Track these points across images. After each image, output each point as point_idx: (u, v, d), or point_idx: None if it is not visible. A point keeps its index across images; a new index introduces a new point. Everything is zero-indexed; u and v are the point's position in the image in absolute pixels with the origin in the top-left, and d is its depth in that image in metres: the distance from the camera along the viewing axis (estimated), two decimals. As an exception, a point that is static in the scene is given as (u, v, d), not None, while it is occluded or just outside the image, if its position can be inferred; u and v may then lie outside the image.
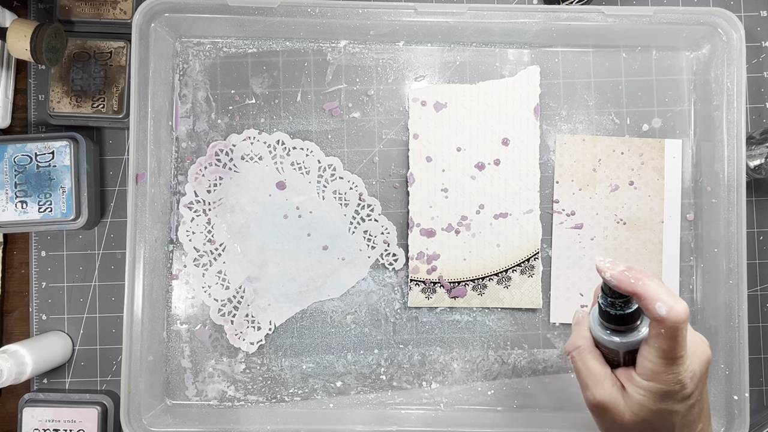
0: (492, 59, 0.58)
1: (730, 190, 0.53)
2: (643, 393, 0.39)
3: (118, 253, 0.58)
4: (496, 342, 0.57)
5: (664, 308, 0.36)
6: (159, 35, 0.55)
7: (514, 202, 0.57)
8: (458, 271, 0.56)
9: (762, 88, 0.59)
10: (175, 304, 0.57)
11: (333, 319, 0.57)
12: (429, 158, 0.57)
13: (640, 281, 0.37)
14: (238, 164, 0.57)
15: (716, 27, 0.54)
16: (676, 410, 0.39)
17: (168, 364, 0.57)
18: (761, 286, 0.58)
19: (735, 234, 0.53)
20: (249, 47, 0.58)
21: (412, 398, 0.56)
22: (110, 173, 0.58)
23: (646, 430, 0.40)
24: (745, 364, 0.52)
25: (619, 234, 0.56)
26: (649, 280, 0.37)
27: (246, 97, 0.58)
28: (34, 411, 0.55)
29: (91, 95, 0.56)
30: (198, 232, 0.57)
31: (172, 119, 0.57)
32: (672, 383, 0.38)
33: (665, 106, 0.58)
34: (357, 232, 0.57)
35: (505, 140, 0.57)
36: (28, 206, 0.54)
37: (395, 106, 0.58)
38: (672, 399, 0.38)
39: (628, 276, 0.38)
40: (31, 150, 0.54)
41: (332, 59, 0.58)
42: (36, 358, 0.53)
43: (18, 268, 0.59)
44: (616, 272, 0.38)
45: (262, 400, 0.56)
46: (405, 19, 0.54)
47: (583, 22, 0.54)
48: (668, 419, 0.39)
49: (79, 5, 0.56)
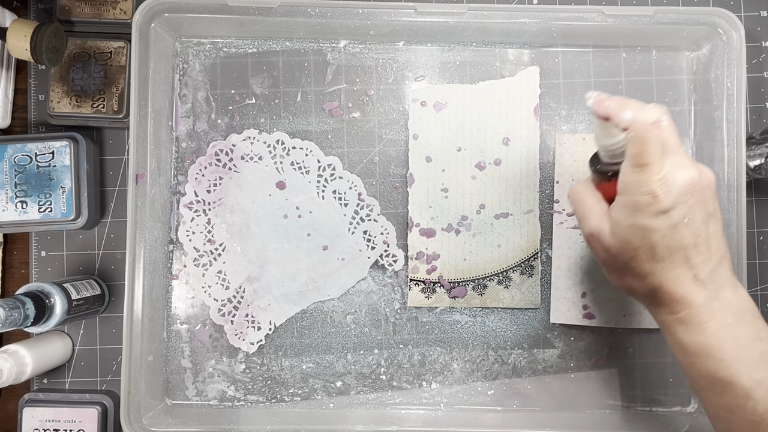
0: (492, 59, 0.58)
1: (730, 190, 0.53)
2: (618, 209, 0.40)
3: (118, 253, 0.58)
4: (496, 342, 0.57)
5: (630, 113, 0.39)
6: (159, 35, 0.55)
7: (514, 202, 0.57)
8: (458, 271, 0.56)
9: (762, 88, 0.59)
10: (175, 304, 0.57)
11: (333, 319, 0.57)
12: (429, 158, 0.57)
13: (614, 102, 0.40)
14: (238, 164, 0.57)
15: (716, 27, 0.54)
16: (653, 227, 0.39)
17: (168, 364, 0.57)
18: (761, 286, 0.58)
19: (735, 234, 0.53)
20: (249, 47, 0.58)
21: (412, 398, 0.56)
22: (110, 173, 0.58)
23: (628, 252, 0.40)
24: (745, 364, 0.52)
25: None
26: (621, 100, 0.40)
27: (246, 97, 0.58)
28: (34, 411, 0.55)
29: (91, 95, 0.56)
30: (198, 232, 0.57)
31: (172, 119, 0.57)
32: (640, 192, 0.38)
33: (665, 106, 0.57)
34: (357, 232, 0.57)
35: (506, 140, 0.57)
36: (28, 206, 0.54)
37: (395, 106, 0.58)
38: (643, 212, 0.39)
39: (604, 100, 0.40)
40: (31, 150, 0.54)
41: (332, 59, 0.58)
42: (36, 358, 0.53)
43: (18, 268, 0.59)
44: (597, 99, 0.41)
45: (262, 400, 0.56)
46: (405, 19, 0.54)
47: (583, 22, 0.54)
48: (646, 237, 0.39)
49: (79, 5, 0.56)
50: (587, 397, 0.56)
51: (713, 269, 0.40)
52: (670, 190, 0.38)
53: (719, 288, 0.40)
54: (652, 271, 0.40)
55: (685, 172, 0.39)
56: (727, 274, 0.40)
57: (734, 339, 0.39)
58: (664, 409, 0.56)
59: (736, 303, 0.40)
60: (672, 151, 0.39)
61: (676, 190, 0.38)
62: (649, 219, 0.39)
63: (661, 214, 0.38)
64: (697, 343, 0.39)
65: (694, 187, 0.39)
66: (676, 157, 0.39)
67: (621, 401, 0.56)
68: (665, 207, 0.38)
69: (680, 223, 0.39)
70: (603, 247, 0.42)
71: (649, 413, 0.56)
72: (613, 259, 0.42)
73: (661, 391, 0.56)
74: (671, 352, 0.56)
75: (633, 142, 0.39)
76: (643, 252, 0.40)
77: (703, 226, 0.39)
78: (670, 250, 0.39)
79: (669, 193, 0.38)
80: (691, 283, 0.39)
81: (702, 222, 0.39)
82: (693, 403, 0.56)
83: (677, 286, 0.39)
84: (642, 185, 0.38)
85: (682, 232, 0.39)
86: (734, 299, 0.40)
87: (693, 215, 0.39)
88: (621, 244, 0.40)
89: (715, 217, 0.40)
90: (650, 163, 0.38)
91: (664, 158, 0.39)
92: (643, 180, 0.38)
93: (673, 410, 0.56)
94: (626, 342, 0.57)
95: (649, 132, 0.38)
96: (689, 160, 0.40)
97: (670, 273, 0.39)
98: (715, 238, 0.40)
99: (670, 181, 0.38)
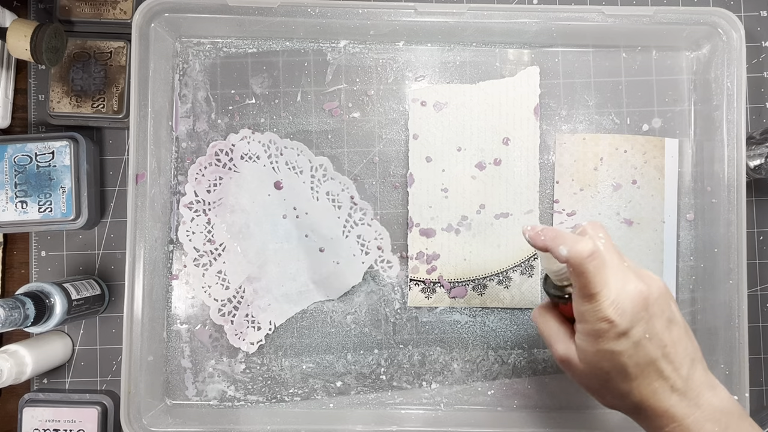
0: (492, 59, 0.58)
1: (730, 190, 0.53)
2: (580, 337, 0.40)
3: (118, 253, 0.58)
4: (496, 342, 0.57)
5: (565, 249, 0.39)
6: (159, 35, 0.55)
7: (515, 202, 0.57)
8: (458, 271, 0.56)
9: (762, 88, 0.59)
10: (175, 304, 0.57)
11: (333, 319, 0.57)
12: (429, 158, 0.57)
13: (549, 235, 0.41)
14: (238, 164, 0.57)
15: (716, 27, 0.54)
16: (618, 350, 0.39)
17: (168, 364, 0.57)
18: (761, 286, 0.58)
19: (735, 234, 0.53)
20: (249, 47, 0.58)
21: (412, 398, 0.56)
22: (110, 173, 0.58)
23: (601, 376, 0.40)
24: (745, 364, 0.52)
25: (622, 234, 0.56)
26: (555, 234, 0.40)
27: (246, 97, 0.58)
28: (34, 411, 0.55)
29: (91, 95, 0.56)
30: (198, 232, 0.57)
31: (172, 119, 0.57)
32: (596, 321, 0.39)
33: (665, 106, 0.58)
34: (350, 236, 0.57)
35: (506, 140, 0.57)
36: (28, 206, 0.54)
37: (395, 106, 0.58)
38: (605, 338, 0.39)
39: (539, 234, 0.41)
40: (31, 150, 0.54)
41: (332, 59, 0.58)
42: (36, 358, 0.53)
43: (18, 268, 0.59)
44: (532, 233, 0.42)
45: (262, 400, 0.56)
46: (405, 19, 0.54)
47: (583, 22, 0.54)
48: (614, 360, 0.39)
49: (79, 5, 0.56)
50: (587, 397, 0.56)
51: (688, 375, 0.40)
52: (624, 312, 0.38)
53: (699, 393, 0.39)
54: (629, 390, 0.40)
55: (634, 288, 0.39)
56: (703, 377, 0.40)
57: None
58: (664, 409, 0.56)
59: (719, 406, 0.39)
60: (615, 269, 0.39)
61: (629, 310, 0.38)
62: (612, 343, 0.39)
63: (622, 336, 0.39)
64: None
65: (646, 301, 0.39)
66: (621, 274, 0.39)
67: (621, 401, 0.56)
68: (624, 329, 0.38)
69: (642, 340, 0.39)
70: (576, 372, 0.42)
71: (649, 413, 0.56)
72: (588, 381, 0.42)
73: (661, 391, 0.56)
74: None
75: (574, 276, 0.39)
76: (615, 374, 0.40)
77: (666, 335, 0.39)
78: (640, 368, 0.39)
79: (624, 314, 0.38)
80: (670, 395, 0.39)
81: (663, 331, 0.39)
82: (693, 403, 0.56)
83: (657, 400, 0.39)
84: (595, 314, 0.39)
85: (648, 348, 0.39)
86: (716, 402, 0.39)
87: (653, 328, 0.39)
88: (592, 370, 0.41)
89: (675, 321, 0.40)
90: (596, 292, 0.38)
91: (610, 280, 0.39)
92: (594, 309, 0.39)
93: (673, 410, 0.56)
94: (626, 342, 0.57)
95: (586, 265, 0.38)
96: (634, 275, 0.40)
97: (648, 389, 0.39)
98: (681, 343, 0.40)
99: (622, 303, 0.38)
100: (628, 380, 0.39)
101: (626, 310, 0.38)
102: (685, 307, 0.57)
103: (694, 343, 0.41)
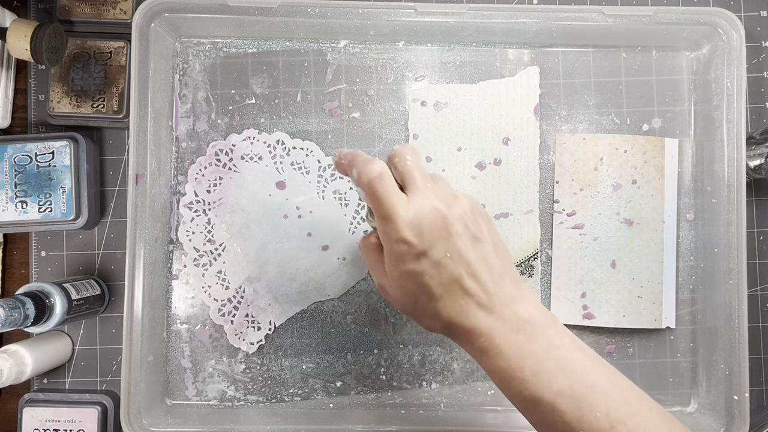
0: (492, 59, 0.58)
1: (730, 190, 0.53)
2: (387, 260, 0.40)
3: (118, 253, 0.58)
4: (496, 342, 0.57)
5: (356, 171, 0.39)
6: (159, 35, 0.55)
7: (515, 201, 0.57)
8: (458, 271, 0.56)
9: (762, 88, 0.59)
10: (175, 304, 0.57)
11: (333, 319, 0.57)
12: (429, 158, 0.57)
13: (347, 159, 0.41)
14: (238, 164, 0.57)
15: (716, 27, 0.54)
16: (419, 270, 0.38)
17: (168, 364, 0.57)
18: (761, 286, 0.58)
19: (735, 234, 0.53)
20: (249, 47, 0.58)
21: (412, 398, 0.56)
22: (110, 173, 0.58)
23: (410, 297, 0.40)
24: (745, 364, 0.52)
25: (622, 234, 0.56)
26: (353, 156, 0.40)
27: (246, 97, 0.58)
28: (34, 411, 0.55)
29: (91, 95, 0.56)
30: (198, 232, 0.57)
31: (172, 119, 0.57)
32: (394, 242, 0.38)
33: (665, 106, 0.58)
34: (357, 232, 0.57)
35: (506, 140, 0.57)
36: (28, 206, 0.54)
37: (395, 106, 0.58)
38: (405, 260, 0.39)
39: (341, 158, 0.42)
40: (31, 150, 0.54)
41: (332, 59, 0.58)
42: (36, 358, 0.53)
43: (18, 268, 0.59)
44: (336, 158, 0.42)
45: (262, 400, 0.56)
46: (405, 19, 0.54)
47: (583, 22, 0.54)
48: (417, 281, 0.39)
49: (79, 5, 0.56)
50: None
51: (494, 291, 0.39)
52: (422, 233, 0.38)
53: (505, 307, 0.39)
54: (437, 309, 0.39)
55: (431, 209, 0.38)
56: (511, 291, 0.40)
57: (531, 355, 0.38)
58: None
59: (526, 317, 0.39)
60: (417, 189, 0.39)
61: (427, 230, 0.38)
62: (413, 264, 0.39)
63: (422, 256, 0.38)
64: (499, 368, 0.39)
65: (445, 220, 0.38)
66: (420, 195, 0.39)
67: (621, 401, 0.56)
68: (422, 250, 0.38)
69: (443, 259, 0.38)
70: (391, 297, 0.42)
71: (649, 413, 0.56)
72: (402, 305, 0.41)
73: (661, 391, 0.56)
74: (668, 352, 0.56)
75: (368, 198, 0.39)
76: (422, 295, 0.39)
77: (470, 253, 0.39)
78: (444, 287, 0.39)
79: (421, 235, 0.38)
80: (476, 311, 0.39)
81: (467, 249, 0.39)
82: (693, 403, 0.56)
83: (464, 318, 0.39)
84: (393, 235, 0.38)
85: (449, 267, 0.38)
86: (523, 313, 0.39)
87: (454, 246, 0.38)
88: (402, 292, 0.40)
89: (481, 239, 0.40)
90: (390, 213, 0.38)
91: (405, 201, 0.39)
92: (392, 230, 0.38)
93: (673, 410, 0.56)
94: (626, 342, 0.57)
95: (375, 186, 0.38)
96: (434, 195, 0.39)
97: (454, 307, 0.39)
98: (487, 260, 0.39)
99: (419, 223, 0.38)
100: (435, 300, 0.39)
101: (423, 231, 0.38)
102: (685, 307, 0.57)
103: (505, 259, 0.41)
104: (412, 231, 0.38)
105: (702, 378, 0.56)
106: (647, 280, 0.56)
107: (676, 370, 0.57)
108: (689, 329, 0.57)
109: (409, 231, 0.38)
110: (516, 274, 0.41)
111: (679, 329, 0.57)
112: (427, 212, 0.38)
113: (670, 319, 0.56)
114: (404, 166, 0.40)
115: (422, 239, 0.38)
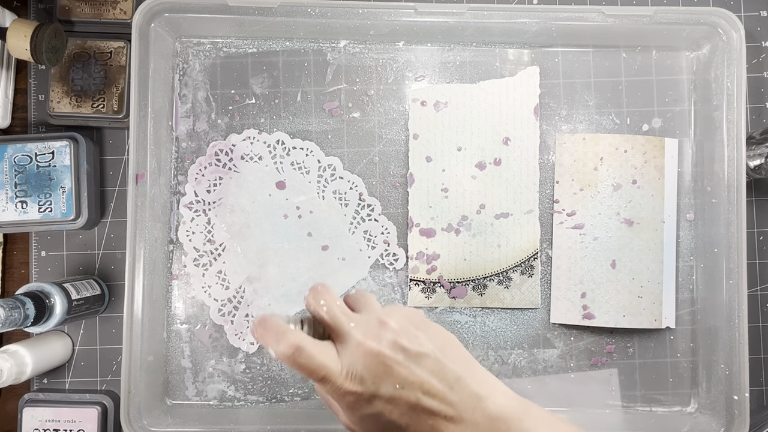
0: (492, 59, 0.58)
1: (730, 190, 0.53)
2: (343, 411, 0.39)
3: (118, 253, 0.58)
4: (496, 342, 0.57)
5: (272, 352, 0.37)
6: (159, 35, 0.55)
7: (515, 201, 0.57)
8: (458, 271, 0.56)
9: (762, 88, 0.59)
10: (175, 304, 0.57)
11: (333, 319, 0.57)
12: (429, 158, 0.57)
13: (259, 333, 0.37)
14: (238, 164, 0.57)
15: (716, 27, 0.54)
16: (377, 411, 0.37)
17: (168, 364, 0.57)
18: (761, 286, 0.58)
19: (735, 234, 0.53)
20: (249, 47, 0.58)
21: (412, 398, 0.56)
22: (110, 173, 0.58)
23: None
24: (745, 364, 0.52)
25: (622, 234, 0.56)
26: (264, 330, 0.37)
27: (246, 97, 0.58)
28: (34, 411, 0.55)
29: (91, 95, 0.56)
30: (198, 232, 0.57)
31: (172, 119, 0.57)
32: (340, 396, 0.37)
33: (665, 106, 0.58)
34: (357, 232, 0.57)
35: (506, 139, 0.57)
36: (28, 206, 0.54)
37: (395, 106, 0.58)
38: (358, 407, 0.37)
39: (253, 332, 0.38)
40: (31, 150, 0.54)
41: (332, 59, 0.58)
42: (36, 358, 0.53)
43: (18, 268, 0.59)
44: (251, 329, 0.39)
45: (262, 400, 0.56)
46: (405, 19, 0.54)
47: (583, 22, 0.54)
48: (379, 421, 0.37)
49: (79, 5, 0.56)
50: (587, 397, 0.56)
51: (456, 400, 0.37)
52: (362, 379, 0.36)
53: (474, 411, 0.37)
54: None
55: (362, 352, 0.37)
56: (474, 391, 0.38)
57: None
58: (664, 409, 0.56)
59: (497, 414, 0.37)
60: (342, 335, 0.37)
61: (366, 374, 0.36)
62: (368, 409, 0.37)
63: (373, 399, 0.37)
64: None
65: (379, 356, 0.36)
66: (348, 340, 0.37)
67: (621, 401, 0.56)
68: (370, 393, 0.37)
69: (394, 392, 0.37)
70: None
71: (649, 413, 0.56)
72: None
73: (661, 391, 0.56)
74: (668, 352, 0.56)
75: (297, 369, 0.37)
76: (390, 430, 0.38)
77: (418, 373, 0.37)
78: (408, 416, 0.37)
79: (363, 381, 0.36)
80: (447, 426, 0.37)
81: (414, 372, 0.37)
82: (693, 403, 0.56)
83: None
84: (337, 390, 0.37)
85: (403, 397, 0.37)
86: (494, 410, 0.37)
87: (399, 377, 0.37)
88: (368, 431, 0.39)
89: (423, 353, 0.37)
90: (324, 376, 0.36)
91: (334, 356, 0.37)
92: (333, 388, 0.37)
93: (673, 410, 0.56)
94: (626, 342, 0.57)
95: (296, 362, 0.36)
96: (361, 334, 0.37)
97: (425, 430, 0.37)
98: (437, 373, 0.37)
99: (356, 371, 0.36)
100: (404, 430, 0.37)
101: (363, 376, 0.36)
102: (685, 307, 0.57)
103: (457, 359, 0.39)
104: (352, 382, 0.36)
105: (702, 378, 0.56)
106: (647, 280, 0.56)
107: (676, 370, 0.57)
108: (689, 329, 0.57)
109: (349, 383, 0.36)
110: (475, 367, 0.39)
111: (679, 329, 0.57)
112: (359, 357, 0.36)
113: (670, 319, 0.56)
114: (321, 313, 0.38)
115: (365, 384, 0.36)
